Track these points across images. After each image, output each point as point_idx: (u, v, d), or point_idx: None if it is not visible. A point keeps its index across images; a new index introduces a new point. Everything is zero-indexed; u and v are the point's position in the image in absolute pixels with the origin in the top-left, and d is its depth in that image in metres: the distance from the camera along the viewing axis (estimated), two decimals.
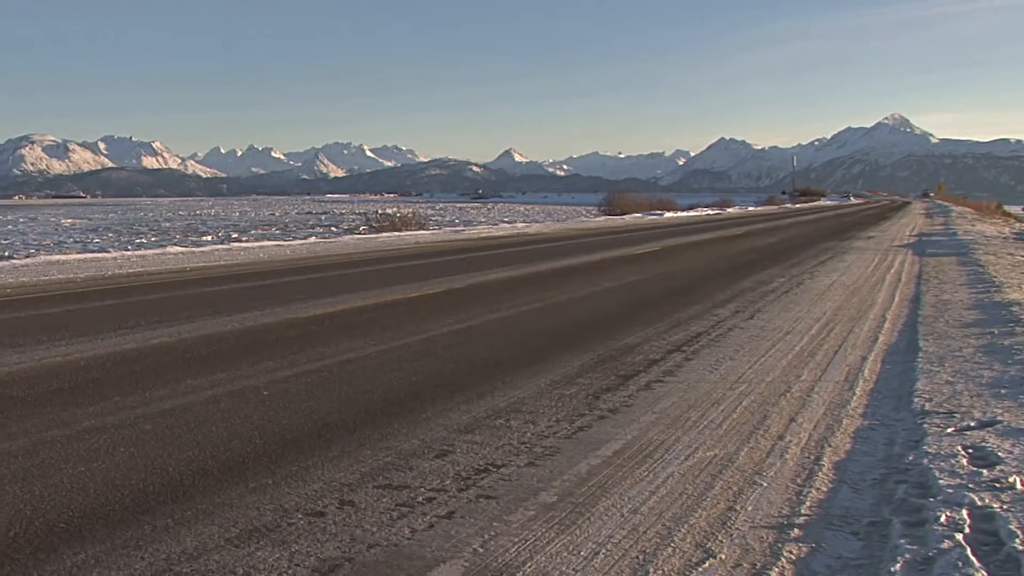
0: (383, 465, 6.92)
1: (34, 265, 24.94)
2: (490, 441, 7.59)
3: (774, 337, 12.95)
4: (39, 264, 25.33)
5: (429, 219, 69.72)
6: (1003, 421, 7.83)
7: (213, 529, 5.60)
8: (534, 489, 6.42)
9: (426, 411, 8.56)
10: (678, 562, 5.16)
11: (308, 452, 7.22)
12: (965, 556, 4.98)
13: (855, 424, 8.27)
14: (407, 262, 26.63)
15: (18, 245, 46.26)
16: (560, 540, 5.47)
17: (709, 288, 19.57)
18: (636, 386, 9.77)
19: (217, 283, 20.38)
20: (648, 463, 7.04)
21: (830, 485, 6.59)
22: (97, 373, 10.09)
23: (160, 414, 8.30)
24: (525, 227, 56.67)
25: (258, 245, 36.30)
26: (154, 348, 11.64)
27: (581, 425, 8.13)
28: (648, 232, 48.64)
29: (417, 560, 5.16)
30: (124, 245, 44.52)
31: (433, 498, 6.21)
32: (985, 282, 19.47)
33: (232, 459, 7.01)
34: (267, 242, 39.62)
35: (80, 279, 20.94)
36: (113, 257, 28.38)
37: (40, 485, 6.34)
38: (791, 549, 5.36)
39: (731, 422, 8.29)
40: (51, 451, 7.12)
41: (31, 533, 5.49)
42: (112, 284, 19.91)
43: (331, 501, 6.13)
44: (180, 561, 5.11)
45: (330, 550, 5.30)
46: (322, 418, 8.25)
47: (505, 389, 9.51)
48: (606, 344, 12.20)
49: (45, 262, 26.11)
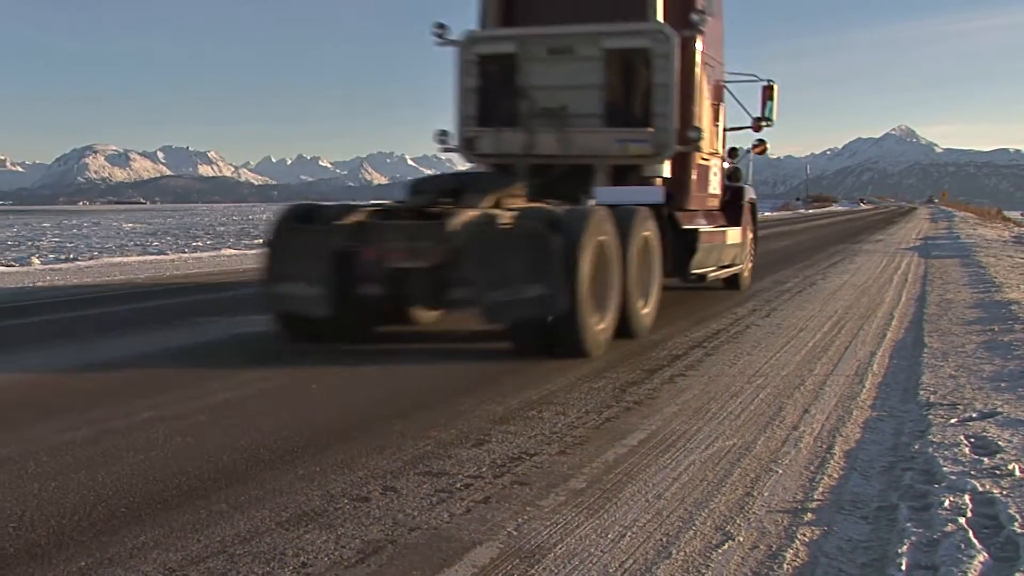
0: (424, 454, 6.92)
1: (98, 266, 25.08)
2: (524, 431, 7.58)
3: (789, 334, 12.90)
4: (102, 265, 25.46)
5: None
6: (1003, 412, 7.81)
7: (265, 513, 5.61)
8: (564, 476, 6.41)
9: (464, 403, 8.55)
10: (699, 544, 5.15)
11: (353, 441, 7.23)
12: (967, 539, 4.96)
13: (865, 415, 8.23)
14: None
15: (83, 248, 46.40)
16: (589, 523, 5.46)
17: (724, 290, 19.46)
18: (660, 380, 9.74)
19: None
20: (671, 452, 7.03)
21: (841, 472, 6.56)
22: (156, 367, 10.17)
23: (215, 406, 8.34)
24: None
25: None
26: (209, 343, 11.72)
27: (608, 416, 8.12)
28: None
29: (455, 542, 5.16)
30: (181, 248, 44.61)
31: (470, 484, 6.21)
32: (986, 282, 19.36)
33: (282, 448, 7.02)
34: None
35: (140, 279, 21.04)
36: (171, 259, 28.53)
37: (103, 472, 6.37)
38: (805, 532, 5.34)
39: (749, 413, 8.26)
40: (113, 440, 7.16)
41: (94, 517, 5.52)
42: (170, 284, 20.01)
43: (375, 487, 6.14)
44: (234, 543, 5.13)
45: (374, 533, 5.30)
46: (367, 410, 8.28)
47: (537, 382, 9.47)
48: (632, 340, 12.17)
49: (108, 263, 26.25)
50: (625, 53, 13.91)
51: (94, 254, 37.03)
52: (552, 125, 13.89)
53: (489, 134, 14.49)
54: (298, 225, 11.70)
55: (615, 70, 13.90)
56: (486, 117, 14.55)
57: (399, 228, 11.37)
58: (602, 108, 14.02)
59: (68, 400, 8.52)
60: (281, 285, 11.26)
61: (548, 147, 13.97)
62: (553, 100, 14.01)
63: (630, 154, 13.85)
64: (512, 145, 14.25)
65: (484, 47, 14.53)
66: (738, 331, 13.17)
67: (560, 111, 13.96)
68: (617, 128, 13.87)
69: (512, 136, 14.22)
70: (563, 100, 13.98)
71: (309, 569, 4.78)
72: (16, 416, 7.89)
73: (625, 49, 13.93)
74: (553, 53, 14.20)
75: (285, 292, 11.21)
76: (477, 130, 14.58)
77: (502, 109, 14.30)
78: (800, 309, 15.78)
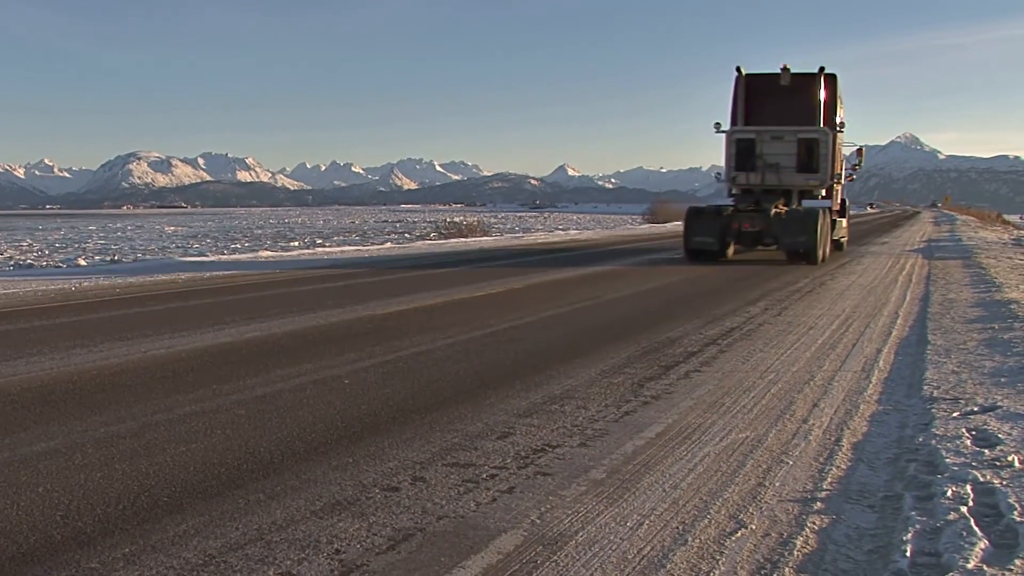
0: (451, 445, 6.94)
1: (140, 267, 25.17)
2: (546, 424, 7.60)
3: (799, 332, 12.92)
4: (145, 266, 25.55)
5: (492, 226, 69.71)
6: (1003, 406, 7.86)
7: (300, 502, 5.64)
8: (585, 467, 6.43)
9: (489, 397, 8.58)
10: (714, 532, 5.17)
11: (384, 434, 7.26)
12: (969, 527, 4.99)
13: (871, 409, 8.27)
14: (472, 265, 26.65)
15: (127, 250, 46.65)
16: (609, 512, 5.48)
17: (742, 288, 19.54)
18: (676, 375, 9.75)
19: (303, 283, 20.48)
20: (687, 444, 7.04)
21: (849, 463, 6.59)
22: (196, 363, 10.18)
23: (253, 400, 8.37)
24: (577, 233, 56.60)
25: (339, 250, 36.46)
26: (247, 341, 11.73)
27: (627, 410, 8.13)
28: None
29: (482, 530, 5.17)
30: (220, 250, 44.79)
31: (496, 475, 6.23)
32: (987, 283, 19.42)
33: (316, 440, 7.05)
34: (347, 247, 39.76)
35: (181, 280, 21.11)
36: (210, 260, 28.60)
37: (146, 463, 6.41)
38: (814, 520, 5.38)
39: (761, 407, 8.29)
40: (155, 433, 7.20)
41: (138, 506, 5.55)
42: (209, 284, 20.06)
43: (405, 477, 6.16)
44: (271, 531, 5.16)
45: (404, 521, 5.32)
46: (397, 404, 8.28)
47: (560, 378, 9.52)
48: (649, 338, 12.18)
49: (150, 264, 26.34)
50: (806, 139, 27.51)
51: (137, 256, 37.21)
52: (772, 171, 27.55)
53: (742, 175, 28.05)
54: (701, 213, 27.13)
55: (802, 147, 27.48)
56: (740, 167, 28.00)
57: (747, 213, 26.54)
58: (796, 164, 27.54)
59: (113, 395, 8.56)
60: (695, 238, 26.70)
61: (771, 182, 27.69)
62: (773, 159, 27.55)
63: (809, 186, 28.19)
64: (753, 181, 27.95)
65: (739, 135, 28.11)
66: (751, 329, 13.17)
67: (776, 165, 27.53)
68: (803, 173, 27.56)
69: (753, 176, 27.85)
70: (777, 159, 27.55)
71: (342, 556, 4.80)
72: (63, 410, 7.93)
73: (806, 138, 27.50)
74: (773, 138, 27.69)
75: (698, 241, 26.64)
76: (736, 173, 28.12)
77: (748, 163, 27.81)
78: (810, 308, 15.80)
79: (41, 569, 4.63)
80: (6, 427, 7.32)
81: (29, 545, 4.93)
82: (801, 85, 28.17)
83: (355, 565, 4.70)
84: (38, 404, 8.15)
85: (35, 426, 7.38)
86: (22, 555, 4.80)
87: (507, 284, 20.12)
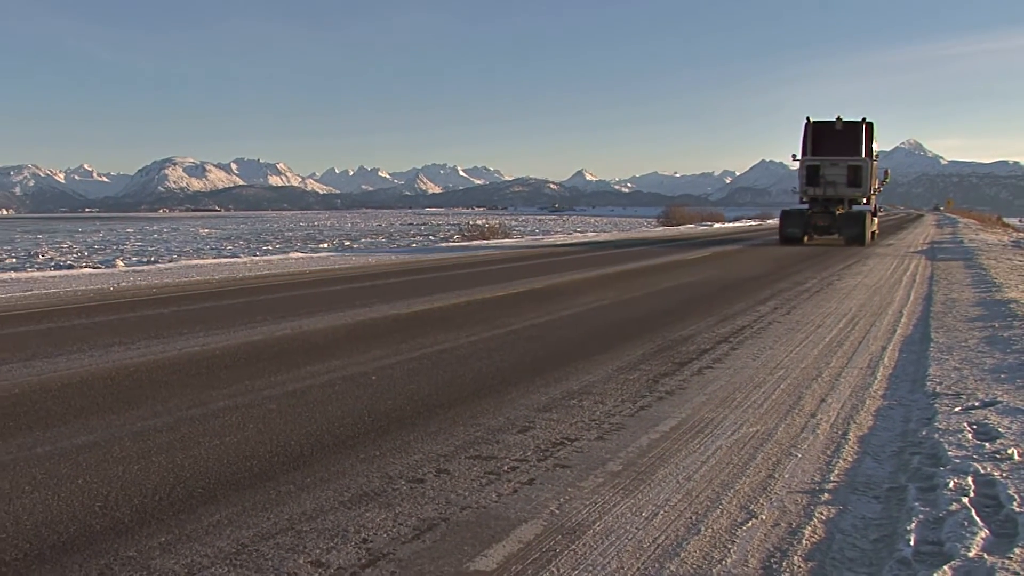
0: (474, 439, 6.96)
1: (176, 268, 25.26)
2: (565, 418, 7.61)
3: (807, 330, 12.93)
4: (180, 267, 25.65)
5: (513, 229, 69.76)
6: (1003, 402, 7.88)
7: (329, 493, 5.66)
8: (603, 459, 6.44)
9: (510, 393, 8.60)
10: (726, 522, 5.18)
11: (410, 428, 7.28)
12: (970, 516, 5.01)
13: (876, 404, 8.29)
14: (494, 266, 26.66)
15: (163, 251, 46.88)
16: (625, 503, 5.50)
17: (753, 287, 19.60)
18: (689, 371, 9.76)
19: (332, 284, 20.53)
20: (700, 437, 7.06)
21: (855, 456, 6.61)
22: (230, 360, 10.22)
23: (284, 395, 8.40)
24: (595, 235, 56.65)
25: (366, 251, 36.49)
26: (278, 339, 11.76)
27: (643, 405, 8.14)
28: (700, 240, 48.46)
29: (503, 520, 5.19)
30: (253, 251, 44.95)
31: (516, 467, 6.24)
32: (987, 283, 19.43)
33: (345, 434, 7.08)
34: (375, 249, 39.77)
35: (215, 280, 21.17)
36: (243, 261, 28.67)
37: (181, 456, 6.44)
38: (822, 511, 5.39)
39: (771, 402, 8.30)
40: (191, 427, 7.23)
41: (174, 497, 5.58)
42: (242, 284, 20.12)
43: (429, 470, 6.18)
44: (301, 521, 5.18)
45: (429, 511, 5.34)
46: (422, 399, 8.30)
47: (578, 374, 9.53)
48: (664, 336, 12.19)
49: (185, 265, 26.44)
50: (853, 165, 40.49)
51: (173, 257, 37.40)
52: (831, 187, 40.45)
53: (811, 189, 40.80)
54: (791, 213, 41.67)
55: (850, 170, 40.48)
56: (809, 183, 40.80)
57: (819, 213, 41.22)
58: (846, 181, 40.41)
59: (149, 390, 8.60)
60: (787, 230, 41.29)
61: (830, 194, 40.63)
62: (831, 178, 40.39)
63: (855, 196, 41.26)
64: (818, 194, 40.78)
65: (808, 162, 40.75)
66: (761, 327, 13.16)
67: (833, 182, 40.43)
68: (851, 188, 40.60)
69: (818, 190, 40.58)
70: (834, 178, 40.43)
71: (369, 544, 4.83)
72: (102, 404, 7.97)
73: (853, 164, 40.46)
74: (831, 164, 40.46)
75: (789, 231, 41.24)
76: (807, 188, 40.88)
77: (814, 181, 40.60)
78: (818, 307, 15.79)
79: (81, 557, 4.67)
80: (47, 421, 7.37)
81: (70, 534, 4.96)
82: (849, 128, 41.79)
83: (382, 553, 4.72)
84: (78, 399, 8.19)
85: (75, 420, 7.43)
86: (63, 544, 4.83)
87: (527, 284, 20.12)
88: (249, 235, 78.04)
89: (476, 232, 57.35)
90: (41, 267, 33.54)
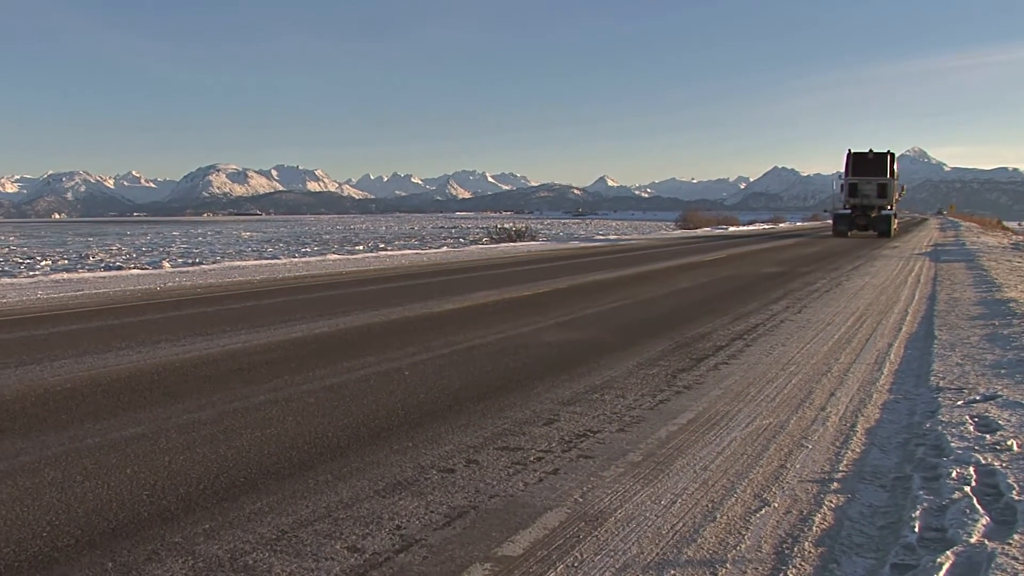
0: (502, 431, 6.98)
1: (219, 269, 25.38)
2: (588, 411, 7.63)
3: (817, 327, 12.91)
4: (223, 268, 25.77)
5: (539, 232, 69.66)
6: (1003, 395, 7.86)
7: (364, 483, 5.70)
8: (624, 450, 6.46)
9: (536, 387, 8.62)
10: (740, 509, 5.19)
11: (441, 421, 7.30)
12: (972, 504, 5.01)
13: (883, 398, 8.28)
14: (521, 267, 26.67)
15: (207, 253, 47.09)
16: (645, 491, 5.51)
17: (765, 288, 19.54)
18: (706, 367, 9.77)
19: (367, 284, 20.59)
20: (716, 429, 7.07)
21: (863, 447, 6.61)
22: (270, 356, 10.27)
23: (321, 390, 8.44)
24: (617, 238, 56.55)
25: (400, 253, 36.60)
26: (316, 336, 11.82)
27: (662, 399, 8.15)
28: (715, 243, 48.40)
29: (529, 508, 5.22)
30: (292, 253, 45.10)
31: (542, 458, 6.26)
32: (988, 283, 19.35)
33: (379, 426, 7.11)
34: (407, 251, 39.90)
35: (256, 280, 21.27)
36: (283, 263, 28.78)
37: (224, 447, 6.49)
38: (831, 499, 5.41)
39: (783, 396, 8.30)
40: (233, 420, 7.28)
41: (217, 486, 5.63)
42: (282, 285, 20.20)
43: (459, 460, 6.21)
44: (337, 509, 5.22)
45: (459, 500, 5.37)
46: (452, 393, 8.33)
47: (600, 370, 9.55)
48: (681, 333, 12.21)
49: (228, 267, 26.55)
50: (881, 183, 55.12)
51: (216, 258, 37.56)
52: (865, 198, 55.05)
53: (851, 199, 55.40)
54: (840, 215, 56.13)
55: (880, 186, 55.15)
56: (850, 195, 55.36)
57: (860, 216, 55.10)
58: (876, 194, 55.00)
59: (194, 385, 8.66)
60: (838, 227, 55.89)
61: (865, 203, 55.11)
62: (865, 192, 55.19)
63: (882, 204, 55.31)
64: (856, 203, 55.32)
65: (849, 180, 55.48)
66: (773, 325, 13.15)
67: (867, 195, 55.05)
68: (879, 199, 55.03)
69: (856, 200, 55.18)
70: (868, 192, 55.13)
71: (403, 531, 4.86)
72: (149, 398, 8.04)
73: (881, 183, 55.12)
74: (867, 183, 55.14)
75: (839, 228, 55.68)
76: (848, 199, 55.55)
77: (854, 194, 55.34)
78: (827, 306, 15.78)
79: (129, 543, 4.72)
80: (97, 414, 7.44)
81: (119, 521, 5.01)
82: (878, 157, 56.19)
83: (414, 540, 4.75)
84: (126, 393, 8.26)
85: (124, 413, 7.49)
86: (112, 530, 4.88)
87: (552, 284, 20.15)
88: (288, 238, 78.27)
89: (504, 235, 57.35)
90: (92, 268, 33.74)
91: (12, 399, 8.02)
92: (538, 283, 20.47)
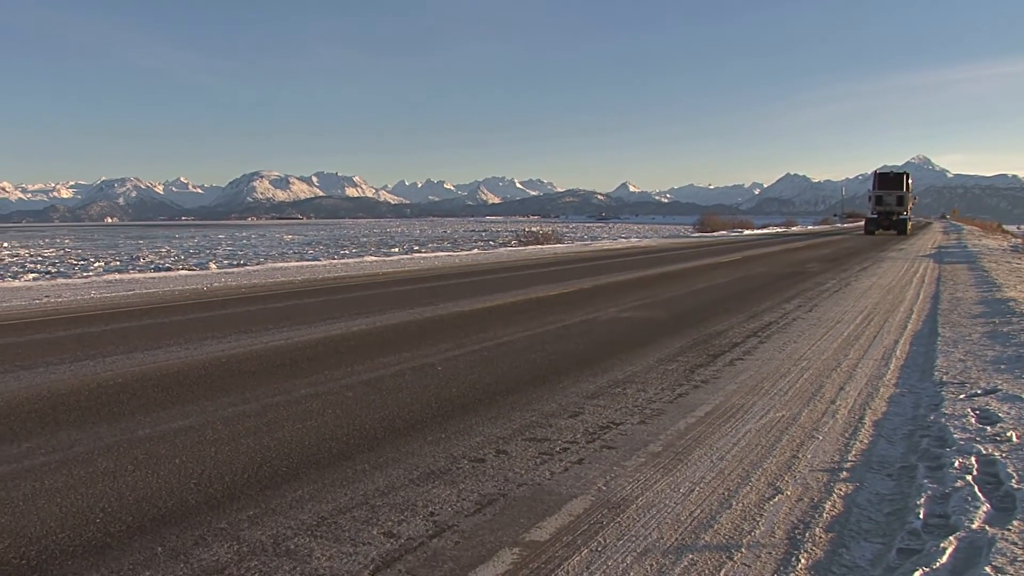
0: (529, 423, 7.01)
1: (263, 270, 25.54)
2: (611, 404, 7.65)
3: (827, 325, 12.90)
4: (267, 269, 25.93)
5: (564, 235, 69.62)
6: (1003, 389, 7.85)
7: (399, 472, 5.74)
8: (644, 441, 6.47)
9: (562, 382, 8.64)
10: (755, 497, 5.21)
11: (472, 413, 7.34)
12: (973, 492, 5.02)
13: (889, 392, 8.27)
14: (547, 268, 26.71)
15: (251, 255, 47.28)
16: (664, 480, 5.53)
17: (779, 287, 19.53)
18: (722, 363, 9.78)
19: (402, 284, 20.66)
20: (731, 422, 7.08)
21: (870, 438, 6.61)
22: (311, 352, 10.33)
23: (359, 384, 8.49)
24: (638, 241, 56.41)
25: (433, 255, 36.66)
26: (354, 333, 11.88)
27: (680, 392, 8.17)
28: (731, 245, 48.36)
29: (555, 496, 5.24)
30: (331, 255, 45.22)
31: (567, 448, 6.29)
32: (989, 283, 19.26)
33: (414, 418, 7.15)
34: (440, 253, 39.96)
35: (297, 281, 21.39)
36: (323, 264, 28.91)
37: (267, 438, 6.54)
38: (841, 487, 5.42)
39: (795, 390, 8.31)
40: (276, 412, 7.34)
41: (261, 475, 5.69)
42: (322, 285, 20.30)
43: (489, 451, 6.24)
44: (374, 496, 5.26)
45: (489, 488, 5.40)
46: (483, 387, 8.36)
47: (622, 365, 9.56)
48: (699, 331, 12.21)
49: (271, 268, 26.72)
50: (899, 195, 68.02)
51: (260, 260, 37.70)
52: (888, 206, 68.02)
53: (876, 207, 68.30)
54: (870, 219, 69.62)
55: (898, 198, 67.95)
56: (876, 204, 68.34)
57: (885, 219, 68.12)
58: (895, 203, 67.88)
59: (239, 379, 8.73)
60: (869, 227, 69.31)
61: (887, 211, 68.09)
62: (887, 201, 68.02)
63: (901, 211, 68.13)
64: (881, 209, 68.22)
65: (875, 193, 68.63)
66: (786, 323, 13.14)
67: (889, 203, 67.96)
68: (898, 207, 68.05)
69: (882, 207, 68.13)
70: (890, 201, 68.00)
71: (436, 517, 4.90)
72: (196, 392, 8.11)
73: (900, 194, 68.01)
74: (888, 195, 67.95)
75: (870, 228, 68.89)
76: (875, 206, 68.55)
77: (879, 203, 68.20)
78: (837, 305, 15.75)
79: (178, 529, 4.77)
80: (147, 407, 7.51)
81: (168, 508, 5.08)
82: (897, 175, 69.21)
83: (447, 526, 4.79)
84: (175, 387, 8.33)
85: (173, 406, 7.56)
86: (162, 516, 4.94)
87: (577, 285, 20.17)
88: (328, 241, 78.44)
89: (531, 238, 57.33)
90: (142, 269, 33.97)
91: (67, 392, 8.12)
92: (563, 283, 20.50)
